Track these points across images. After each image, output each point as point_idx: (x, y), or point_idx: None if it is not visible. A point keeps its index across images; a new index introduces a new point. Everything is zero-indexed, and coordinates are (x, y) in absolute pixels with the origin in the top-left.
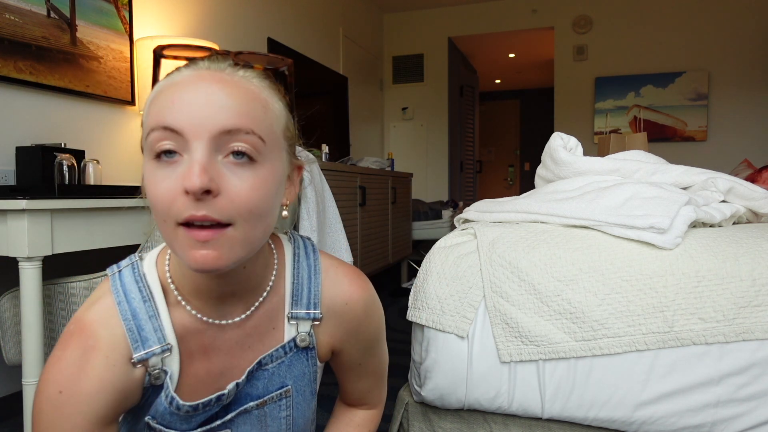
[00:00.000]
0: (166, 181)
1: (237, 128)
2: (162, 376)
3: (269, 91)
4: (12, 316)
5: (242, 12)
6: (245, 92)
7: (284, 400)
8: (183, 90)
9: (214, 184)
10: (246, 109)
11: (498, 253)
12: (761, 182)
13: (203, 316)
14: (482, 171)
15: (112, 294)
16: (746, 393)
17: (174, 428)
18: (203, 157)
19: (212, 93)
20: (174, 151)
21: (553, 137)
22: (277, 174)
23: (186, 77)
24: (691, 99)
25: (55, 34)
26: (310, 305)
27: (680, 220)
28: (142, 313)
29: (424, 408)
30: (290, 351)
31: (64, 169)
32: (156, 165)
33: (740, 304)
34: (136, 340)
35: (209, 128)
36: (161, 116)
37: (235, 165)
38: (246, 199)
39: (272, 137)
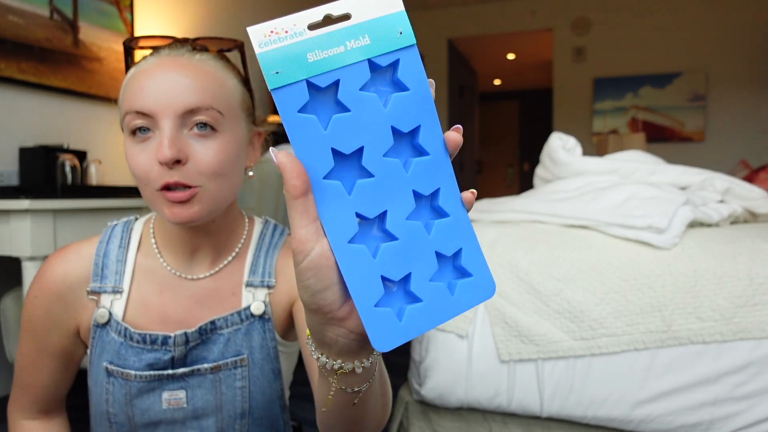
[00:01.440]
0: (142, 154)
1: (197, 106)
2: (106, 315)
3: (224, 70)
4: (15, 315)
5: (242, 13)
6: (202, 73)
7: (239, 369)
8: (149, 77)
9: (182, 154)
10: (203, 87)
11: (498, 253)
12: (758, 183)
13: (172, 268)
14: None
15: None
16: (743, 391)
17: (128, 367)
18: (170, 133)
19: (174, 78)
20: (146, 128)
21: (552, 138)
22: (237, 140)
23: (150, 65)
24: (689, 100)
25: (57, 36)
26: (265, 274)
27: (678, 220)
28: (113, 255)
29: (423, 407)
30: (246, 318)
31: (67, 170)
32: (133, 141)
33: (737, 303)
34: (97, 273)
35: (174, 108)
36: (133, 101)
37: (199, 136)
38: (210, 163)
39: (229, 109)
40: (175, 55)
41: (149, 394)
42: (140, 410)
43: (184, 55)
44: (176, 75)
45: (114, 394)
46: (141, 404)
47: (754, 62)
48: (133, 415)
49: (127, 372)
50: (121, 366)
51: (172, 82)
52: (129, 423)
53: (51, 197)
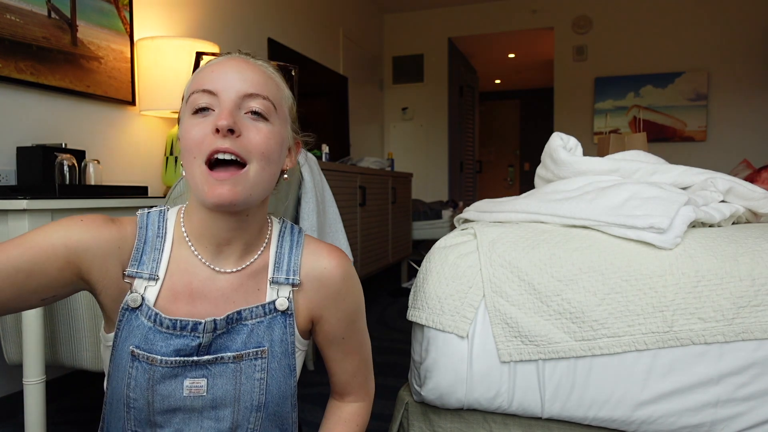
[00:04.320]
0: (198, 126)
1: (256, 93)
2: (138, 299)
3: (280, 79)
4: (13, 316)
5: (242, 12)
6: (263, 73)
7: (259, 361)
8: (219, 65)
9: (236, 126)
10: (264, 82)
11: (498, 253)
12: (760, 182)
13: (204, 259)
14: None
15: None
16: (745, 393)
17: (154, 352)
18: (231, 106)
19: (240, 68)
20: (207, 108)
21: (552, 137)
22: (283, 135)
23: (221, 59)
24: (691, 99)
25: (55, 35)
26: (290, 272)
27: (680, 220)
28: (151, 243)
29: (424, 408)
30: (269, 312)
31: (65, 169)
32: (193, 118)
33: (739, 303)
34: (136, 259)
35: (236, 90)
36: (202, 82)
37: (252, 119)
38: (260, 142)
39: (281, 108)
40: (243, 56)
41: (172, 380)
42: (161, 396)
43: (249, 58)
44: (243, 67)
45: (137, 378)
46: (163, 390)
47: (756, 61)
48: (153, 401)
49: (153, 357)
50: (148, 351)
51: (238, 70)
52: (148, 408)
53: (49, 197)
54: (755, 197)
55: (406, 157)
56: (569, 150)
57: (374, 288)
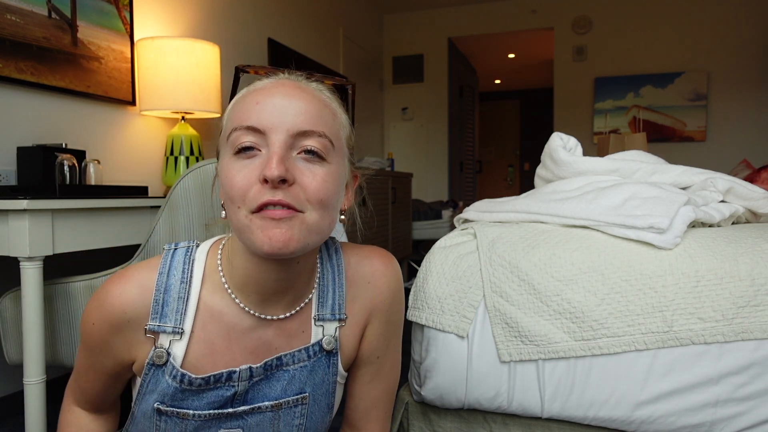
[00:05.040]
0: (244, 171)
1: (311, 130)
2: (164, 356)
3: (337, 103)
4: (13, 316)
5: (242, 12)
6: (318, 100)
7: (299, 407)
8: (266, 94)
9: (289, 174)
10: (319, 113)
11: (498, 253)
12: (760, 182)
13: (245, 306)
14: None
15: (159, 265)
16: (745, 392)
17: (185, 408)
18: (281, 151)
19: (291, 98)
20: (253, 147)
21: (552, 137)
22: (341, 174)
23: (268, 84)
24: (690, 99)
25: (56, 35)
26: (335, 306)
27: (679, 220)
28: (174, 291)
29: (424, 407)
30: (314, 355)
31: (65, 169)
32: (235, 159)
33: (739, 303)
34: (157, 311)
35: (288, 128)
36: (245, 116)
37: (307, 161)
38: (316, 189)
39: (338, 142)
40: (293, 79)
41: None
42: None
43: (301, 81)
44: (294, 95)
45: (166, 430)
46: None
47: (755, 61)
48: None
49: (185, 412)
50: (177, 407)
51: (289, 101)
52: None
53: (49, 197)
54: (755, 197)
55: (406, 157)
56: (569, 150)
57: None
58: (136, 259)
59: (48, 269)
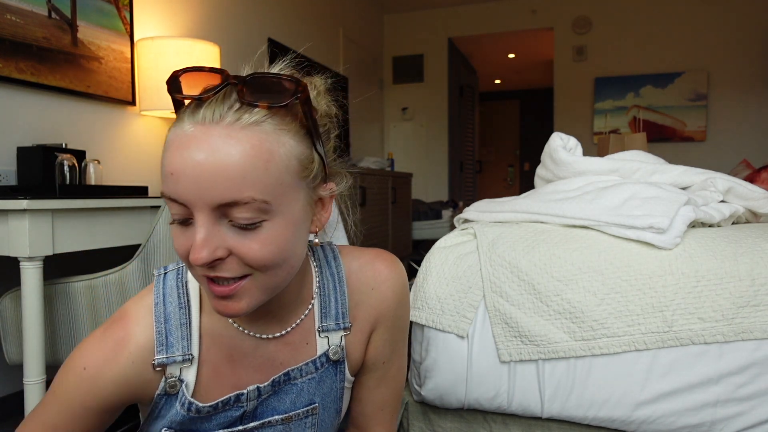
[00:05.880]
0: (181, 238)
1: (235, 200)
2: (177, 384)
3: (276, 134)
4: (13, 316)
5: (242, 12)
6: (245, 149)
7: (310, 418)
8: (179, 159)
9: (220, 251)
10: (244, 172)
11: (498, 253)
12: (760, 182)
13: (242, 327)
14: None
15: (153, 295)
16: (745, 392)
17: (195, 430)
18: (205, 231)
19: (207, 161)
20: (185, 219)
21: (552, 137)
22: (293, 221)
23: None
24: (690, 99)
25: (56, 35)
26: (339, 316)
27: (679, 220)
28: (174, 319)
29: (424, 407)
30: (321, 366)
31: (65, 169)
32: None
33: (739, 303)
34: (162, 344)
35: (207, 201)
36: (166, 186)
37: (241, 229)
38: (257, 257)
39: (280, 190)
40: (215, 122)
41: None
42: None
43: (226, 119)
44: (211, 158)
45: None
46: None
47: (755, 61)
48: None
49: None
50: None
51: (205, 168)
52: None
53: (49, 197)
54: (755, 197)
55: (406, 157)
56: (569, 150)
57: None
58: (136, 259)
59: (48, 269)
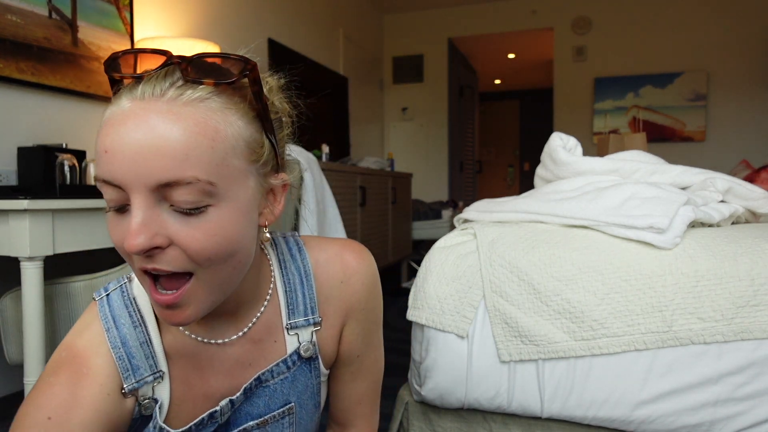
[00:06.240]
0: (117, 229)
1: (176, 179)
2: (152, 405)
3: (223, 112)
4: (13, 316)
5: (242, 12)
6: (188, 125)
7: (287, 418)
8: (115, 135)
9: (159, 239)
10: (186, 150)
11: (498, 253)
12: (759, 182)
13: (198, 336)
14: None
15: (100, 320)
16: (744, 392)
17: None
18: (142, 214)
19: (146, 137)
20: (121, 205)
21: (552, 137)
22: (241, 208)
23: (121, 113)
24: (690, 99)
25: (56, 35)
26: (308, 311)
27: (679, 220)
28: (132, 340)
29: (424, 407)
30: (293, 365)
31: (66, 170)
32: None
33: (739, 303)
34: (127, 369)
35: (145, 181)
36: (99, 167)
37: (183, 214)
38: (200, 249)
39: (226, 172)
40: (153, 97)
41: None
42: None
43: (166, 95)
44: (150, 133)
45: None
46: None
47: (755, 61)
48: None
49: None
50: None
51: (143, 144)
52: None
53: (50, 197)
54: (754, 197)
55: (406, 157)
56: (569, 150)
57: None
58: None
59: (48, 269)
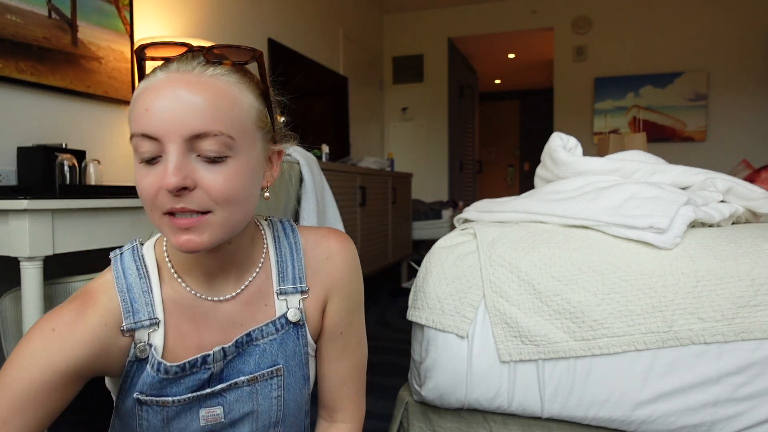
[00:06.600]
0: (148, 177)
1: (205, 131)
2: (147, 349)
3: (239, 86)
4: (13, 316)
5: (242, 12)
6: (213, 92)
7: (275, 379)
8: (154, 97)
9: (188, 181)
10: (213, 110)
11: (498, 253)
12: (760, 182)
13: (195, 291)
14: (482, 171)
15: (113, 271)
16: (745, 392)
17: (165, 395)
18: (177, 159)
19: (180, 99)
20: (153, 157)
21: (552, 137)
22: (250, 164)
23: (158, 81)
24: (690, 99)
25: (56, 35)
26: (296, 279)
27: (679, 220)
28: (136, 287)
29: (424, 407)
30: (282, 328)
31: (65, 170)
32: (141, 165)
33: (739, 303)
34: (128, 310)
35: (180, 132)
36: (139, 124)
37: (208, 162)
38: (221, 190)
39: (242, 131)
40: (184, 71)
41: (186, 413)
42: (177, 430)
43: (194, 70)
44: (184, 95)
45: (149, 419)
46: (178, 425)
47: (755, 61)
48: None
49: (164, 400)
50: (157, 396)
51: (179, 104)
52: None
53: (49, 197)
54: (755, 197)
55: (406, 157)
56: (569, 150)
57: (374, 288)
58: None
59: (48, 269)
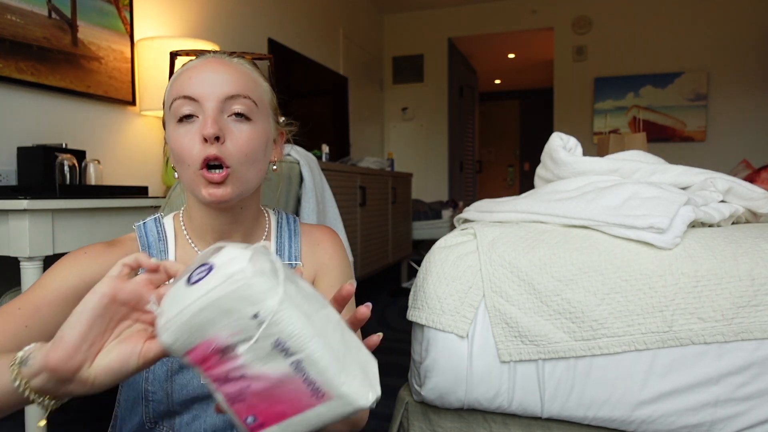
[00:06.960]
0: (188, 136)
1: (237, 94)
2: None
3: (257, 74)
4: None
5: (242, 12)
6: (241, 72)
7: None
8: (197, 70)
9: (221, 133)
10: (242, 82)
11: (498, 253)
12: (760, 182)
13: None
14: (482, 171)
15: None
16: (745, 392)
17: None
18: (214, 113)
19: (217, 71)
20: (192, 114)
21: (552, 137)
22: (266, 131)
23: (198, 62)
24: (690, 99)
25: (56, 35)
26: (291, 258)
27: (679, 220)
28: (155, 246)
29: (423, 407)
30: None
31: (65, 170)
32: (179, 126)
33: (739, 303)
34: None
35: (217, 94)
36: (182, 89)
37: (236, 121)
38: (244, 145)
39: (262, 104)
40: (218, 56)
41: (189, 368)
42: (180, 386)
43: (225, 57)
44: (220, 69)
45: (155, 371)
46: (180, 380)
47: (755, 61)
48: (171, 392)
49: None
50: None
51: (217, 74)
52: (167, 400)
53: (49, 197)
54: (755, 197)
55: (406, 157)
56: (569, 150)
57: (374, 288)
58: None
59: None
